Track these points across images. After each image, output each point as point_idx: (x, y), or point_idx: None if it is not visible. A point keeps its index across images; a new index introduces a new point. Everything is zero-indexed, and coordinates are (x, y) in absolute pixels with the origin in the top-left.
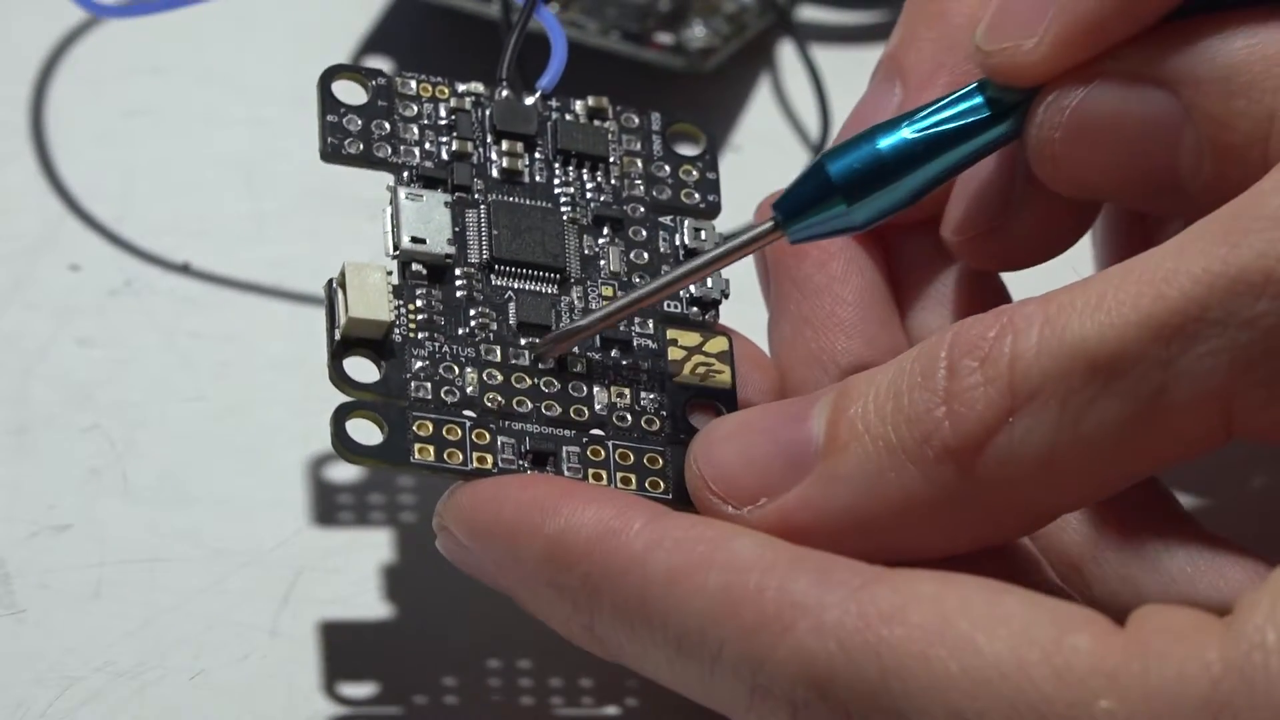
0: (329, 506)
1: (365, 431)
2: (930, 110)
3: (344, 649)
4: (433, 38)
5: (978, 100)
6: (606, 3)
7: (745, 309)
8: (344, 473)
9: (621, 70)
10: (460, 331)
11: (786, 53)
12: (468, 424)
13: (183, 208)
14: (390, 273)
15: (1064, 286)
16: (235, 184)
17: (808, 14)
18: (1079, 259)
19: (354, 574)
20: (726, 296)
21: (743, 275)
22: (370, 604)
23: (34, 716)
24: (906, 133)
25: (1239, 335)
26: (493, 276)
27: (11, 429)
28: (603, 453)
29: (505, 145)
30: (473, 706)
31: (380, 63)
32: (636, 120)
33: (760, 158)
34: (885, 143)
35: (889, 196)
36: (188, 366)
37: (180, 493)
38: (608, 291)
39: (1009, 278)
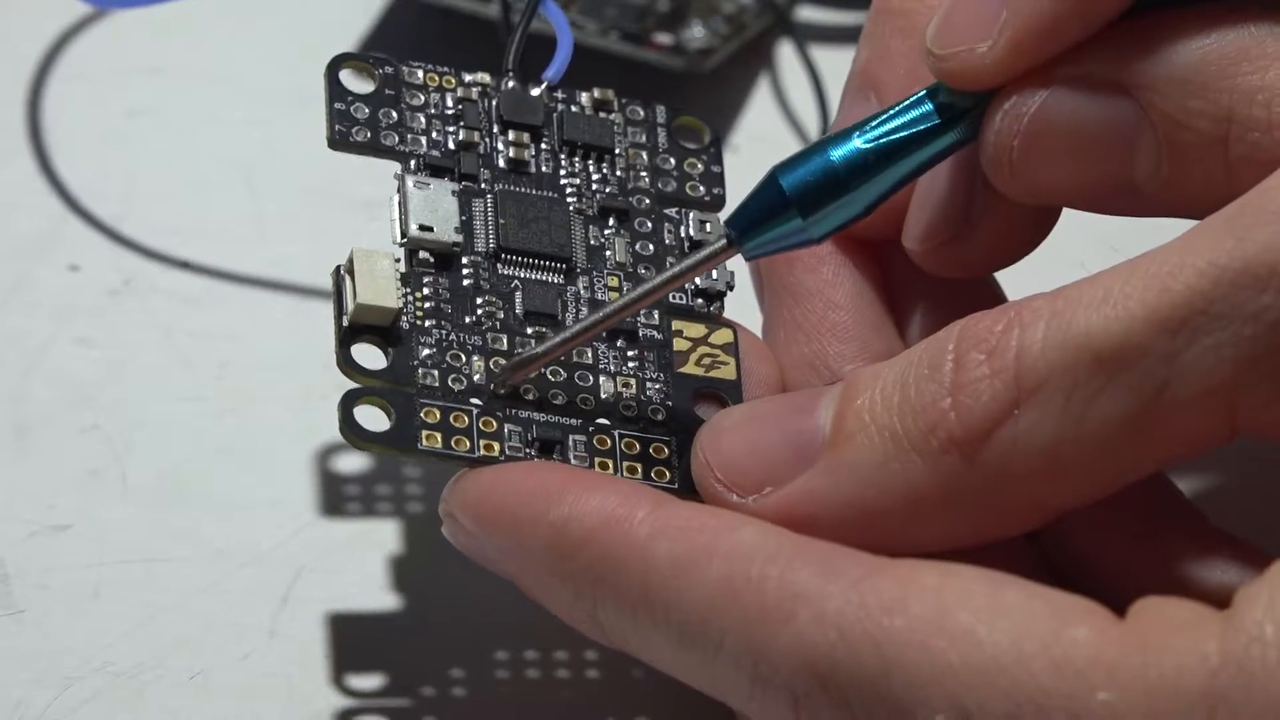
0: (332, 499)
1: (373, 418)
2: (881, 119)
3: (350, 641)
4: (432, 38)
5: (928, 107)
6: (606, 3)
7: (750, 302)
8: (345, 466)
9: (620, 70)
10: (467, 320)
11: (785, 53)
12: (475, 411)
13: (182, 207)
14: (398, 260)
15: (1072, 282)
16: (235, 184)
17: (806, 14)
18: (1087, 256)
19: (354, 573)
20: (731, 288)
21: (739, 286)
22: (370, 604)
23: (33, 716)
24: (858, 142)
25: (1244, 329)
26: (499, 265)
27: (11, 429)
28: (609, 442)
29: (512, 135)
30: (480, 697)
31: None
32: (642, 113)
33: (759, 158)
34: (837, 154)
35: (845, 209)
36: (187, 366)
37: (179, 493)
38: (613, 282)
39: (1010, 278)
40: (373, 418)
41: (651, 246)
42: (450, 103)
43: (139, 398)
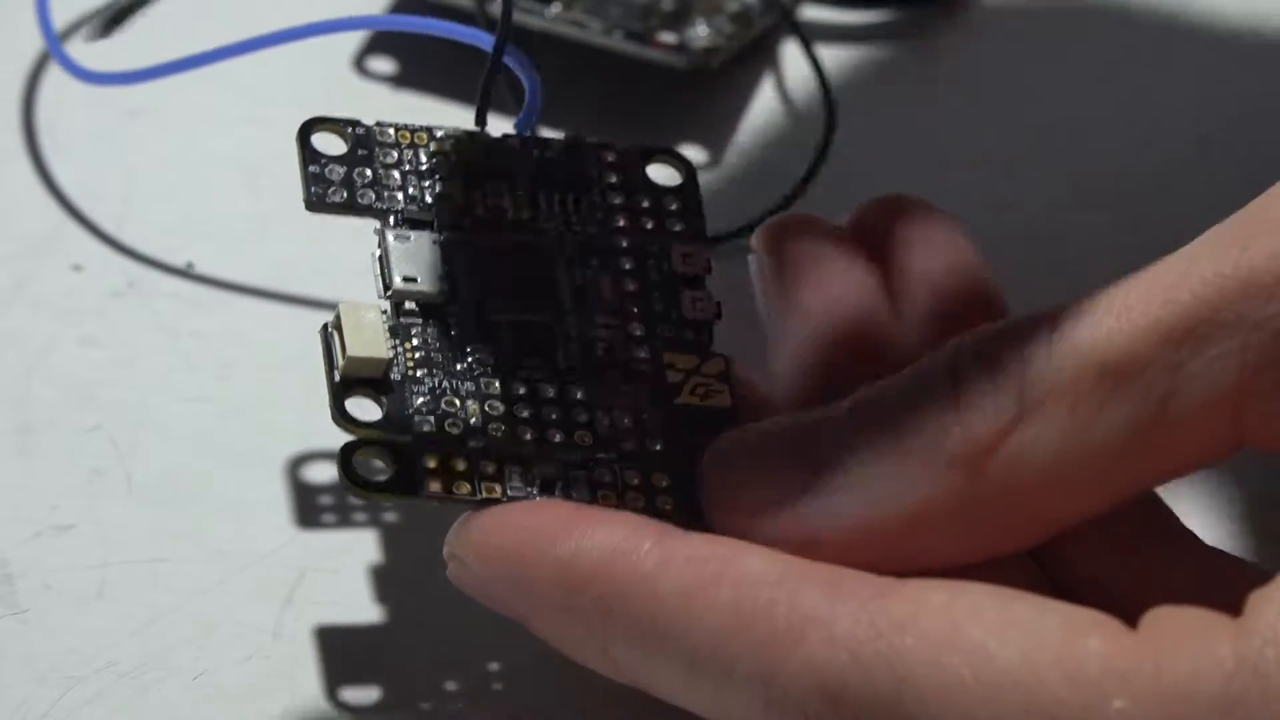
0: (324, 507)
1: (373, 468)
2: None
3: (345, 654)
4: (434, 38)
5: None
6: (609, 2)
7: (737, 332)
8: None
9: (624, 69)
10: (458, 366)
11: (790, 52)
12: (474, 454)
13: (185, 208)
14: (384, 312)
15: (1074, 296)
16: (237, 184)
17: (812, 13)
18: (1089, 270)
19: (357, 575)
20: (719, 318)
21: (735, 295)
22: (373, 605)
23: (36, 717)
24: None
25: (1249, 338)
26: (486, 311)
27: (14, 429)
28: (609, 476)
29: (488, 185)
30: (476, 709)
31: (382, 63)
32: (615, 155)
33: (763, 158)
34: None
35: None
36: (190, 367)
37: (183, 493)
38: (600, 320)
39: (1011, 291)
40: (373, 467)
41: (636, 283)
42: (423, 158)
43: (142, 398)
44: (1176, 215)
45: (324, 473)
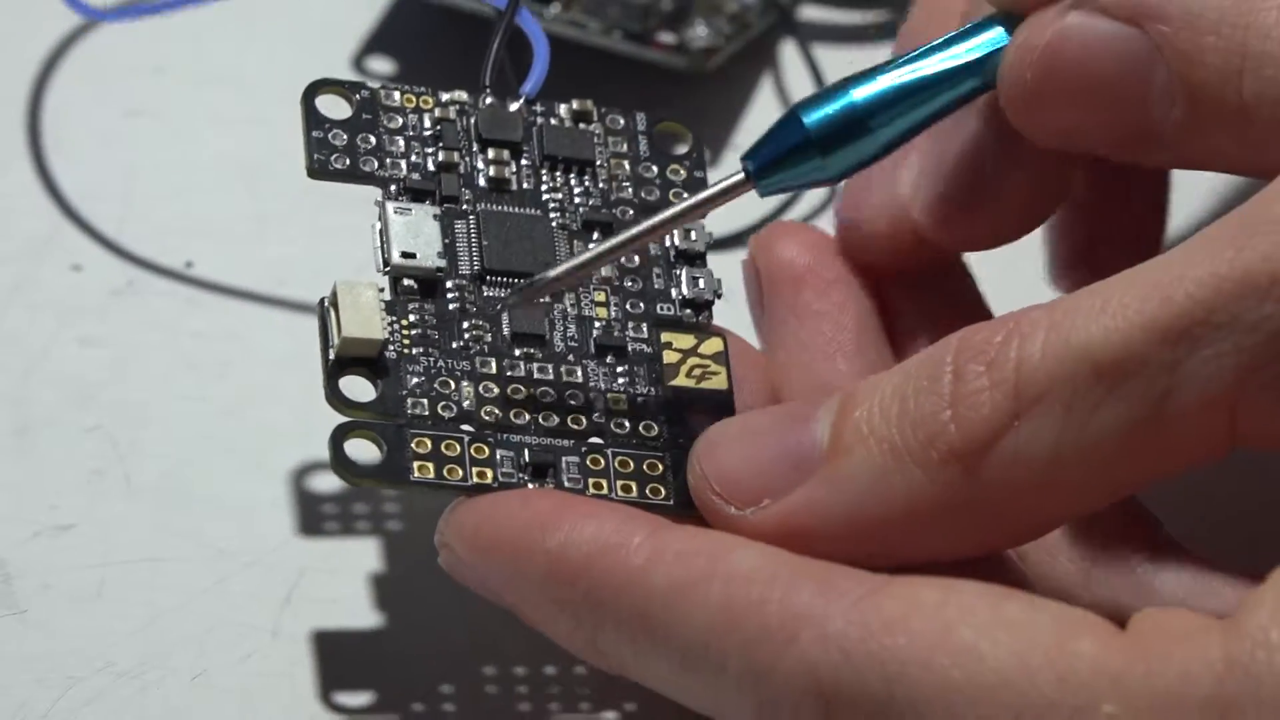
0: (326, 516)
1: (364, 451)
2: (904, 59)
3: (339, 657)
4: (434, 37)
5: (953, 49)
6: (609, 2)
7: (737, 310)
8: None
9: (623, 70)
10: (454, 345)
11: (789, 53)
12: (466, 439)
13: (184, 208)
14: (382, 289)
15: (1070, 293)
16: (237, 184)
17: (810, 14)
18: None
19: (356, 574)
20: (719, 296)
21: (735, 273)
22: (370, 606)
23: (36, 717)
24: (882, 82)
25: (1244, 338)
26: (484, 288)
27: (13, 429)
28: (602, 461)
29: (491, 153)
30: (470, 712)
31: (381, 63)
32: (622, 121)
33: None
34: (860, 93)
35: (864, 149)
36: (190, 367)
37: (182, 493)
38: (600, 296)
39: (1006, 294)
40: (364, 451)
41: (637, 258)
42: (428, 123)
43: (142, 398)
44: (1175, 213)
45: (325, 482)
